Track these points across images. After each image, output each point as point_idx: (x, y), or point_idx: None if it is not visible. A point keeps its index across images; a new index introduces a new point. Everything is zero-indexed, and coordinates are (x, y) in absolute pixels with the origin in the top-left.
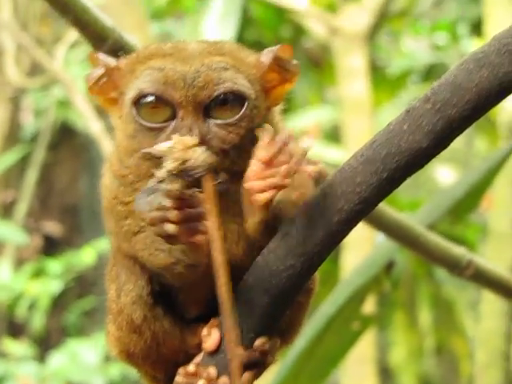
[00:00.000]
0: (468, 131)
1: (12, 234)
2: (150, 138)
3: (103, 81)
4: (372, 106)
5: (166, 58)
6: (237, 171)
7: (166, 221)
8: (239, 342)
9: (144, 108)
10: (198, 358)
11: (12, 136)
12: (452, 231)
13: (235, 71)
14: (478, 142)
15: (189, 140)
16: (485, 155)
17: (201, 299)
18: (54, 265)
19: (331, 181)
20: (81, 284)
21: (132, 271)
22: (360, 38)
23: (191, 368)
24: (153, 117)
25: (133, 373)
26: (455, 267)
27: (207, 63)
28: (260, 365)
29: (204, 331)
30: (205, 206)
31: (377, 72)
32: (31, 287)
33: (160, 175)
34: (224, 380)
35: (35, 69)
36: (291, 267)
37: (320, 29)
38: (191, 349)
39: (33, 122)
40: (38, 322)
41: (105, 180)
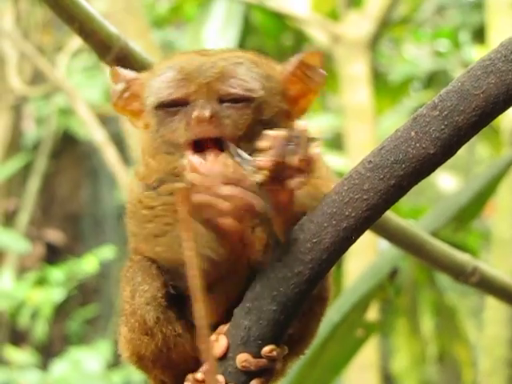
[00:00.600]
0: None
1: (14, 243)
2: (169, 123)
3: (126, 94)
4: (374, 114)
5: (185, 56)
6: None
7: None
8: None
9: (163, 110)
10: (207, 366)
11: (14, 144)
12: (454, 238)
13: (251, 66)
14: (481, 149)
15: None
16: (487, 162)
17: (215, 308)
18: (57, 273)
19: (339, 187)
20: (83, 292)
21: (148, 273)
22: (362, 46)
23: (199, 376)
24: (170, 107)
25: (135, 381)
26: (460, 274)
27: (225, 57)
28: (268, 372)
29: (212, 337)
30: None
31: (379, 79)
32: (33, 295)
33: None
34: None
35: (37, 77)
36: (299, 274)
37: (322, 36)
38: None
39: (35, 131)
40: (41, 330)
41: (131, 186)
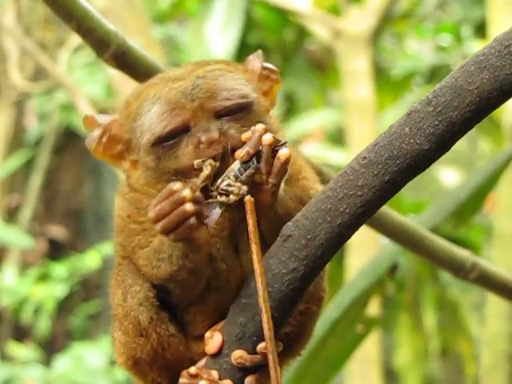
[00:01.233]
0: (472, 132)
1: (17, 239)
2: (172, 154)
3: (105, 139)
4: (376, 109)
5: (159, 86)
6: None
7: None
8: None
9: (160, 145)
10: (201, 363)
11: (16, 140)
12: (455, 233)
13: (231, 74)
14: (482, 144)
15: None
16: (489, 157)
17: (207, 320)
18: (59, 269)
19: (333, 183)
20: (85, 288)
21: (138, 274)
22: (364, 41)
23: (192, 369)
24: (169, 140)
25: None
26: (459, 270)
27: (202, 74)
28: (263, 369)
29: (207, 334)
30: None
31: (380, 74)
32: (36, 291)
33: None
34: (227, 382)
35: (39, 73)
36: (294, 271)
37: (323, 31)
38: (196, 356)
39: (37, 126)
40: (44, 326)
41: (118, 203)
